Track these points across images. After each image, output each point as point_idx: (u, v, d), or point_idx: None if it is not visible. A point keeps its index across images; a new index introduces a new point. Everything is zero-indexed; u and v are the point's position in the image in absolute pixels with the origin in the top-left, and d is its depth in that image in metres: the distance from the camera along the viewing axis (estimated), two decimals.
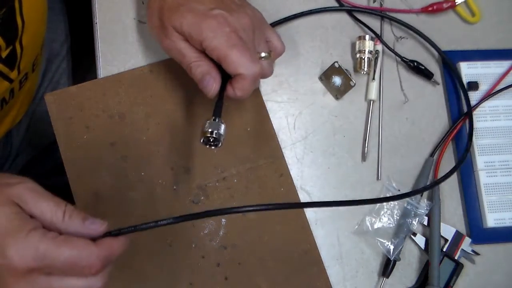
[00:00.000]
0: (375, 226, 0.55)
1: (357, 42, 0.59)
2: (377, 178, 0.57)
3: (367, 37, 0.58)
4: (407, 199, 0.55)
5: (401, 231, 0.55)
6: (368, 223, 0.55)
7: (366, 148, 0.57)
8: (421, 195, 0.56)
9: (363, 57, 0.58)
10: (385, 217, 0.56)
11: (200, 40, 0.45)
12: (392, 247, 0.54)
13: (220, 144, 0.45)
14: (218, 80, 0.47)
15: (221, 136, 0.45)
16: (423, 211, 0.55)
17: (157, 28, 0.48)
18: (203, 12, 0.45)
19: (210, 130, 0.44)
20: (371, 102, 0.58)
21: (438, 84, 0.60)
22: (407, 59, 0.60)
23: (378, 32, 0.61)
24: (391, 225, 0.55)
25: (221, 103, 0.47)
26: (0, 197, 0.36)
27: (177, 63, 0.49)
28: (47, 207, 0.37)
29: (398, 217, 0.56)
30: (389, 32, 0.62)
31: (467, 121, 0.59)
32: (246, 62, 0.45)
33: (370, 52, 0.58)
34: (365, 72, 0.58)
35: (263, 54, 0.49)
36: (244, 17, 0.47)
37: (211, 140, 0.45)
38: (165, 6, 0.47)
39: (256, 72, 0.45)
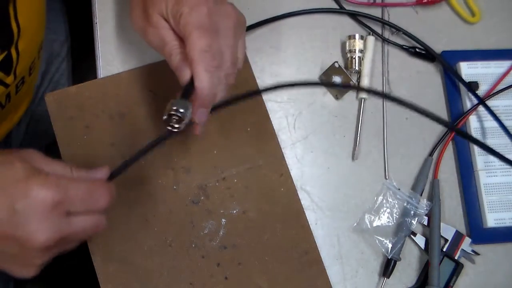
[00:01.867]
0: (374, 224, 0.55)
1: (347, 42, 0.59)
2: (385, 177, 0.57)
3: (356, 36, 0.58)
4: (407, 198, 0.55)
5: (400, 230, 0.55)
6: (367, 221, 0.55)
7: (357, 147, 0.57)
8: (422, 193, 0.57)
9: (354, 56, 0.58)
10: (385, 216, 0.56)
11: (179, 14, 0.44)
12: (390, 245, 0.54)
13: (182, 127, 0.42)
14: None
15: (184, 116, 0.41)
16: (422, 211, 0.55)
17: (140, 19, 0.47)
18: None
19: (174, 107, 0.41)
20: (362, 100, 0.58)
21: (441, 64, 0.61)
22: (407, 46, 0.60)
23: (376, 29, 0.61)
24: (390, 224, 0.55)
25: (192, 87, 0.43)
26: (12, 156, 0.39)
27: None
28: (56, 164, 0.41)
29: (397, 216, 0.56)
30: (388, 29, 0.62)
31: (466, 121, 0.59)
32: (202, 46, 0.43)
33: (360, 51, 0.58)
34: (355, 71, 0.59)
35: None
36: (227, 7, 0.46)
37: (174, 119, 0.42)
38: None
39: (208, 59, 0.43)
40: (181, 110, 0.41)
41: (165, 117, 0.42)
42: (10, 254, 0.39)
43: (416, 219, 0.55)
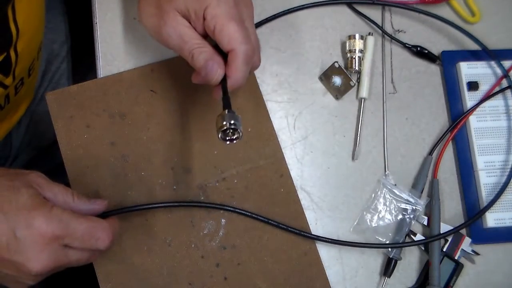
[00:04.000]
0: (374, 224, 0.55)
1: (347, 42, 0.59)
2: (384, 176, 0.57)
3: (356, 36, 0.58)
4: (404, 196, 0.56)
5: (400, 228, 0.55)
6: (367, 220, 0.55)
7: (357, 147, 0.57)
8: (421, 192, 0.57)
9: (354, 56, 0.58)
10: (383, 214, 0.56)
11: (204, 7, 0.43)
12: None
13: (241, 135, 0.43)
14: (222, 66, 0.44)
15: (238, 126, 0.42)
16: (420, 207, 0.55)
17: (154, 17, 0.45)
18: None
19: (224, 122, 0.41)
20: (363, 100, 0.58)
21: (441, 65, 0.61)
22: (410, 44, 0.60)
23: (379, 24, 0.61)
24: (390, 222, 0.55)
25: (228, 96, 0.44)
26: (18, 181, 0.41)
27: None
28: (59, 190, 0.43)
29: (396, 213, 0.56)
30: (389, 28, 0.62)
31: (466, 121, 0.59)
32: (241, 37, 0.43)
33: (360, 51, 0.58)
34: (355, 71, 0.59)
35: None
36: None
37: (229, 132, 0.42)
38: None
39: (248, 49, 0.43)
40: (233, 122, 0.42)
41: (220, 134, 0.42)
42: (5, 273, 0.41)
43: (415, 215, 0.55)
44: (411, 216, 0.55)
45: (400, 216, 0.55)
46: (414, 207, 0.55)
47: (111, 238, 0.42)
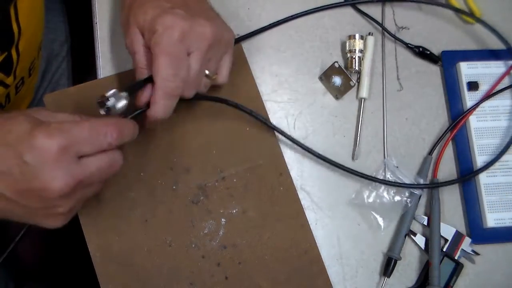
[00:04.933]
0: (371, 200, 0.56)
1: (347, 42, 0.59)
2: (384, 177, 0.57)
3: (356, 36, 0.58)
4: (405, 179, 0.56)
5: (397, 209, 0.55)
6: (364, 196, 0.56)
7: (357, 147, 0.57)
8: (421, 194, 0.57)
9: (354, 56, 0.58)
10: (380, 192, 0.56)
11: (153, 31, 0.44)
12: (383, 224, 0.56)
13: (107, 113, 0.43)
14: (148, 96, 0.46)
15: (114, 109, 0.43)
16: (418, 192, 0.56)
17: (123, 25, 0.48)
18: (164, 9, 0.45)
19: (107, 95, 0.42)
20: (363, 100, 0.58)
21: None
22: (412, 44, 0.60)
23: (377, 28, 0.61)
24: (387, 201, 0.56)
25: (140, 85, 0.46)
26: (15, 113, 0.39)
27: None
28: (64, 116, 0.41)
29: (393, 194, 0.56)
30: (391, 26, 0.62)
31: (466, 121, 0.59)
32: (165, 74, 0.44)
33: (360, 51, 0.58)
34: (355, 71, 0.59)
35: (207, 72, 0.48)
36: (205, 27, 0.45)
37: (104, 106, 0.43)
38: (135, 4, 0.47)
39: (168, 87, 0.44)
40: (112, 100, 0.43)
41: (98, 101, 0.43)
42: (32, 208, 0.39)
43: (412, 199, 0.55)
44: (409, 200, 0.55)
45: (397, 198, 0.56)
46: (412, 191, 0.55)
47: (118, 130, 0.41)
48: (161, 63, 0.44)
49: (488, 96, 0.59)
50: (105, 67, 0.57)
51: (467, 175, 0.57)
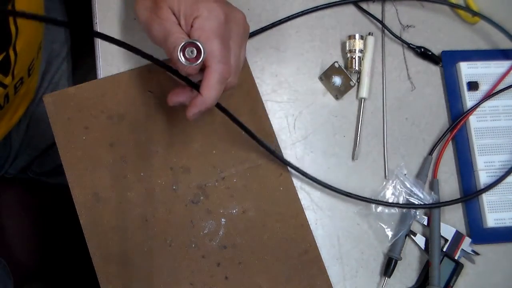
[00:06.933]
0: (379, 210, 0.55)
1: (347, 42, 0.59)
2: (385, 177, 0.57)
3: (356, 36, 0.58)
4: (414, 189, 0.56)
5: (404, 219, 0.55)
6: (372, 206, 0.56)
7: (357, 147, 0.57)
8: (425, 184, 0.57)
9: (354, 56, 0.58)
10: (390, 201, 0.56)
11: (194, 16, 0.43)
12: (391, 234, 0.55)
13: (197, 63, 0.43)
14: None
15: (202, 53, 0.42)
16: (426, 203, 0.55)
17: (148, 10, 0.46)
18: None
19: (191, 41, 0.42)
20: (362, 100, 0.58)
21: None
22: (414, 45, 0.60)
23: (377, 27, 0.61)
24: (395, 212, 0.56)
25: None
26: None
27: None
28: None
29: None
30: (395, 26, 0.62)
31: (466, 121, 0.59)
32: (220, 56, 0.43)
33: (360, 51, 0.58)
34: (355, 71, 0.59)
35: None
36: (239, 13, 0.47)
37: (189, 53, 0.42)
38: None
39: (224, 70, 0.44)
40: (198, 44, 0.42)
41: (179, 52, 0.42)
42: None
43: (420, 210, 0.55)
44: (416, 211, 0.55)
45: (406, 210, 0.56)
46: (421, 202, 0.55)
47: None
48: (213, 47, 0.43)
49: (488, 96, 0.59)
50: (105, 67, 0.57)
51: (470, 195, 0.56)
